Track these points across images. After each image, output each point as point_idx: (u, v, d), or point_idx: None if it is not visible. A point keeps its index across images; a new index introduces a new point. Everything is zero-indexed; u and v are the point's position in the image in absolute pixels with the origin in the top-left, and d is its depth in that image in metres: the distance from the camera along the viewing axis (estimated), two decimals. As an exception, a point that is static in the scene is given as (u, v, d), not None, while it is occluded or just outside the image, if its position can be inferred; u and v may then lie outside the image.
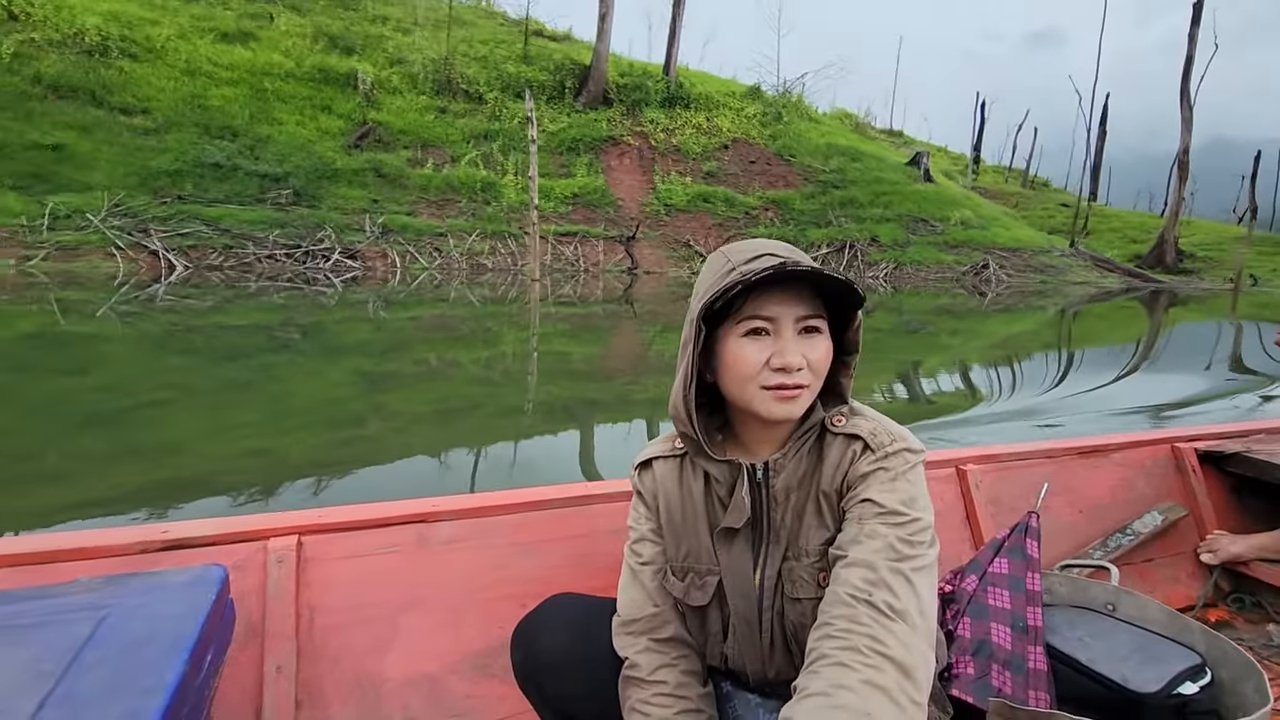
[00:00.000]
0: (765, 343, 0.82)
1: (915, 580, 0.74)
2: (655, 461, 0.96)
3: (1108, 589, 1.33)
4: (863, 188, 18.78)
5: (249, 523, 1.14)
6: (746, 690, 0.95)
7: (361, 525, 1.19)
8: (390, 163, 16.29)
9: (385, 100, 18.13)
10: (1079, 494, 1.81)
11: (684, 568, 0.92)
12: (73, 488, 2.84)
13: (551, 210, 17.00)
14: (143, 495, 2.81)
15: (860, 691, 0.65)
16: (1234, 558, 1.81)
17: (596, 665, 0.92)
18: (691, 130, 20.11)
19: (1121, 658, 1.15)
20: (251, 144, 15.01)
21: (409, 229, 15.01)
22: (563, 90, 20.21)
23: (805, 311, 0.81)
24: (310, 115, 16.68)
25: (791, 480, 0.86)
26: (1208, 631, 1.19)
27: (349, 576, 1.17)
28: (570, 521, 1.31)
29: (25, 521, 2.53)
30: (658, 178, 18.88)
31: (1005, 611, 1.21)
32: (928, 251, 17.10)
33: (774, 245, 0.84)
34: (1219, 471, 2.00)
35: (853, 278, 0.74)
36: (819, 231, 17.80)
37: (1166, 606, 1.27)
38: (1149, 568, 1.81)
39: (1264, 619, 1.76)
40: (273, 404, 4.37)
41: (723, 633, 0.92)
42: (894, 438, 0.84)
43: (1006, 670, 1.14)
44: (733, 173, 19.39)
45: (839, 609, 0.72)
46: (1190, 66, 24.26)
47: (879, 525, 0.78)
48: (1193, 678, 1.10)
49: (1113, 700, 1.09)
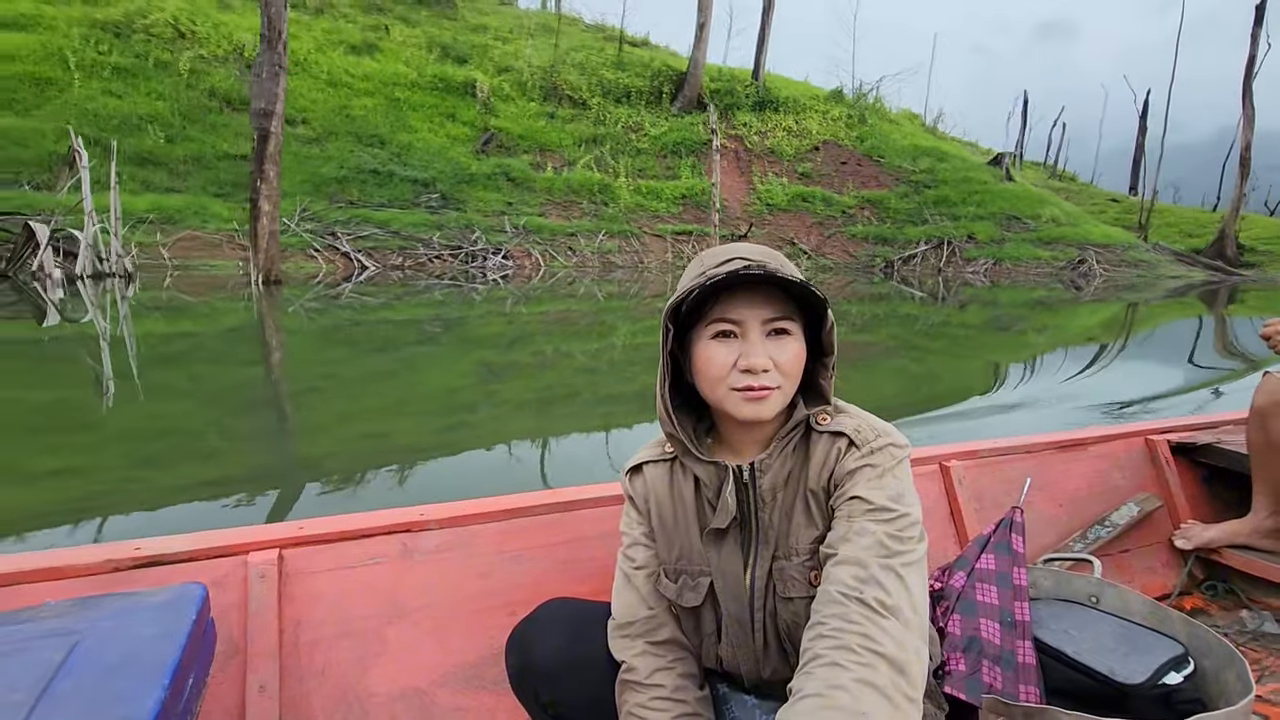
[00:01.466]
0: (733, 345, 0.83)
1: (906, 576, 0.75)
2: (645, 466, 0.97)
3: (1091, 581, 1.35)
4: (953, 187, 19.68)
5: (227, 537, 1.11)
6: (743, 691, 0.96)
7: (344, 537, 1.17)
8: (516, 167, 17.29)
9: (500, 107, 19.13)
10: (1058, 488, 1.83)
11: (676, 570, 0.93)
12: (216, 465, 3.10)
13: (665, 210, 18.00)
14: (266, 474, 3.05)
15: (854, 691, 0.65)
16: (1207, 545, 1.84)
17: (593, 670, 0.92)
18: (782, 133, 21.04)
19: (1107, 650, 1.16)
20: (398, 151, 16.05)
21: (544, 229, 16.03)
22: (659, 95, 21.17)
23: (772, 314, 0.83)
24: (439, 123, 17.71)
25: (778, 480, 0.87)
26: (1189, 621, 1.21)
27: (333, 590, 1.14)
28: (557, 527, 1.30)
29: (167, 497, 2.67)
30: (756, 178, 19.83)
31: (994, 607, 1.22)
32: (1024, 248, 18.00)
33: (748, 249, 0.85)
34: (1190, 462, 2.03)
35: (808, 279, 0.84)
36: (916, 229, 18.72)
37: (1147, 598, 1.29)
38: (1126, 558, 1.83)
39: (1237, 605, 1.79)
40: (402, 391, 4.63)
41: (717, 634, 0.93)
42: (879, 433, 0.85)
43: (997, 666, 1.15)
44: (826, 173, 20.32)
45: (831, 608, 0.73)
46: (1252, 65, 25.03)
47: (868, 522, 0.78)
48: (1176, 667, 1.12)
49: (1100, 692, 1.10)
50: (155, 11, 15.54)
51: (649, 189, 18.35)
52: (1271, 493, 1.73)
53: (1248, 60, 24.98)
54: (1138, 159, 39.09)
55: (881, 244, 18.64)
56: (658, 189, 18.39)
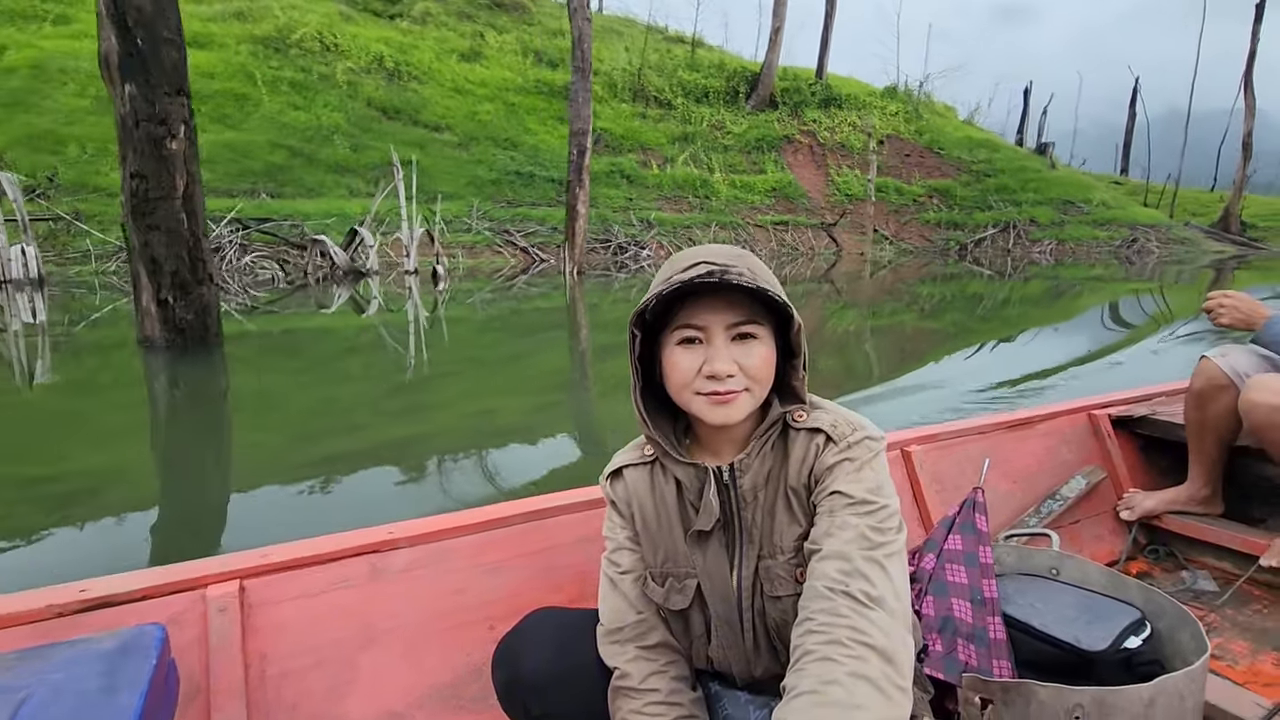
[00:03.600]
0: (698, 350, 0.83)
1: (889, 566, 0.77)
2: (626, 470, 0.96)
3: (1050, 554, 1.39)
4: (1011, 175, 21.68)
5: (181, 571, 1.05)
6: (734, 688, 0.96)
7: (309, 562, 1.12)
8: (626, 165, 18.73)
9: (598, 108, 20.49)
10: (1011, 465, 1.89)
11: (663, 573, 0.93)
12: (351, 439, 3.36)
13: (759, 202, 19.61)
14: (389, 449, 3.25)
15: (848, 684, 0.66)
16: (1148, 513, 1.93)
17: (583, 678, 0.92)
18: (848, 128, 22.80)
19: (1070, 619, 1.20)
20: (530, 152, 17.38)
21: (664, 222, 17.54)
22: (735, 95, 22.74)
23: (736, 318, 0.83)
24: (551, 125, 19.01)
25: (758, 479, 0.88)
26: (1144, 587, 1.25)
27: (300, 618, 1.10)
28: (532, 536, 1.28)
29: (301, 473, 2.86)
30: (831, 171, 21.57)
31: (964, 586, 1.26)
32: (1082, 229, 20.09)
33: (717, 253, 0.84)
34: (1130, 434, 2.12)
35: (768, 285, 0.81)
36: (983, 215, 20.67)
37: (1104, 567, 1.33)
38: (1076, 529, 1.90)
39: (1177, 567, 1.88)
40: (519, 372, 5.04)
41: (706, 635, 0.93)
42: (855, 427, 0.85)
43: (971, 643, 1.18)
44: (893, 164, 22.14)
45: (818, 603, 0.74)
46: (1253, 60, 27.55)
47: (850, 516, 0.80)
48: (1135, 632, 1.17)
49: (1067, 660, 1.15)
50: (300, 26, 16.59)
51: (742, 183, 19.93)
52: (1205, 464, 1.86)
53: (1249, 54, 27.48)
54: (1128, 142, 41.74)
55: (953, 229, 20.56)
56: (749, 183, 19.99)
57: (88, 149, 11.41)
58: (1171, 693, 0.98)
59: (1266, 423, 1.59)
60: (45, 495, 2.68)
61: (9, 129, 11.02)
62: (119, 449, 3.35)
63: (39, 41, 12.74)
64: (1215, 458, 1.85)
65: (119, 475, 2.98)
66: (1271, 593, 1.76)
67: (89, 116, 11.88)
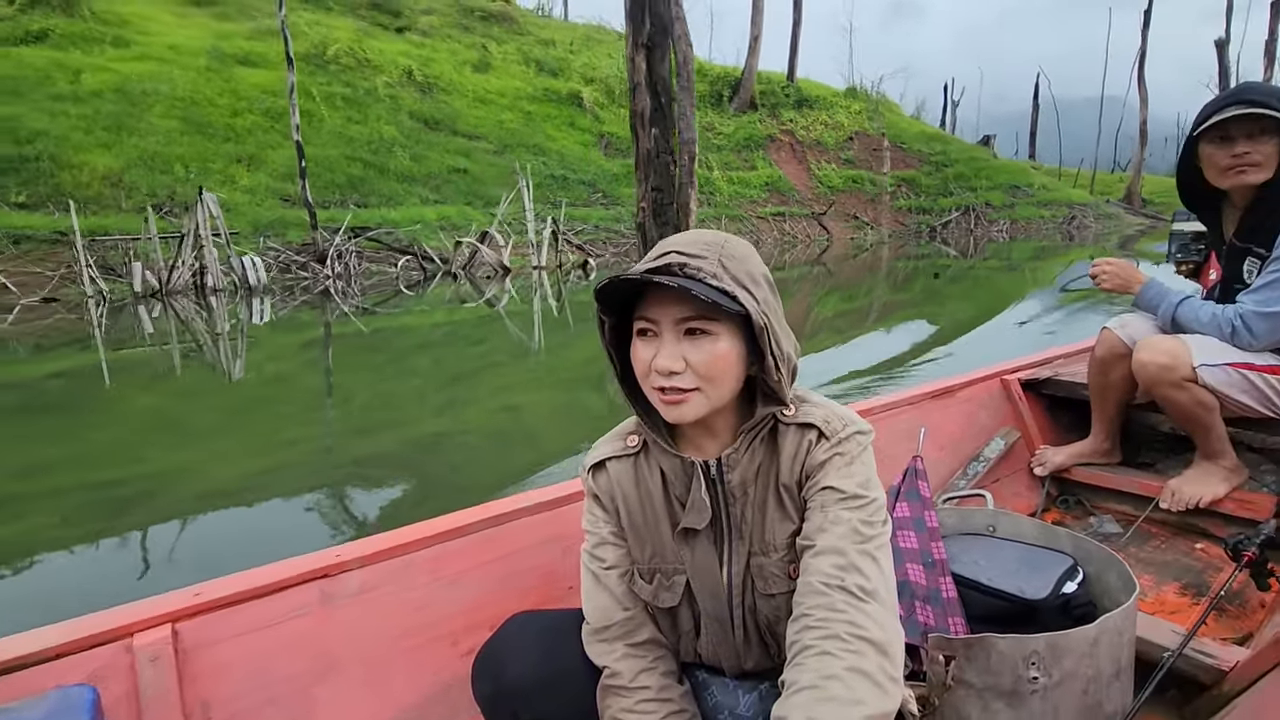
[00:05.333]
0: (652, 344, 0.81)
1: (879, 559, 0.78)
2: (609, 462, 0.94)
3: (986, 513, 1.47)
4: (964, 165, 24.61)
5: (101, 621, 0.94)
6: (723, 676, 0.97)
7: (250, 596, 1.04)
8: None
9: (602, 114, 21.95)
10: (939, 432, 1.99)
11: (651, 569, 0.92)
12: (405, 429, 3.89)
13: (756, 196, 21.62)
14: (434, 439, 3.72)
15: (847, 679, 0.67)
16: (1058, 467, 2.10)
17: (570, 680, 0.91)
18: (821, 126, 25.18)
19: (1012, 572, 1.28)
20: (555, 157, 18.68)
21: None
22: (720, 99, 24.68)
23: (686, 313, 0.79)
24: (565, 131, 20.33)
25: (747, 475, 0.87)
26: (1072, 535, 1.34)
27: (246, 657, 1.03)
28: (493, 543, 1.24)
29: (357, 465, 3.31)
30: (811, 165, 23.86)
31: (915, 551, 1.31)
32: (1030, 209, 23.22)
33: (685, 243, 0.81)
34: (1037, 395, 2.30)
35: (729, 288, 0.77)
36: (946, 200, 23.48)
37: (1035, 519, 1.42)
38: (998, 486, 2.04)
39: (1085, 514, 2.05)
40: (561, 362, 5.56)
41: (695, 631, 0.93)
42: (846, 422, 0.85)
43: (927, 605, 1.24)
44: (864, 159, 24.67)
45: (815, 598, 0.75)
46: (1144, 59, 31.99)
47: (842, 511, 0.80)
48: (1070, 577, 1.24)
49: (1013, 611, 1.22)
50: (332, 42, 17.27)
51: (739, 179, 21.88)
52: (1106, 421, 2.05)
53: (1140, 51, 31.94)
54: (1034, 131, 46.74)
55: (922, 214, 23.28)
56: (745, 179, 21.97)
57: (190, 168, 12.05)
58: (1111, 630, 1.05)
59: (1155, 379, 1.73)
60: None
61: (123, 150, 11.53)
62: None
63: (111, 65, 13.12)
64: (1114, 415, 2.02)
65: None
66: (1166, 529, 1.91)
67: (182, 138, 12.46)
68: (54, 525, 2.91)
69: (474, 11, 24.21)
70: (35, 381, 5.50)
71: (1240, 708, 1.10)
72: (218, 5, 17.47)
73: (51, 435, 4.04)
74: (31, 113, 11.19)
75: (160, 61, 13.73)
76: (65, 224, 9.48)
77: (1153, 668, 1.09)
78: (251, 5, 17.82)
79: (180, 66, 13.78)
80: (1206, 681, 1.19)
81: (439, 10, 22.84)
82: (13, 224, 9.62)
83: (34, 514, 3.02)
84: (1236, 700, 1.12)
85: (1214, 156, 1.69)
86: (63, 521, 2.95)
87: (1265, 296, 1.68)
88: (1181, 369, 1.70)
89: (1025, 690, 1.02)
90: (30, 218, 9.88)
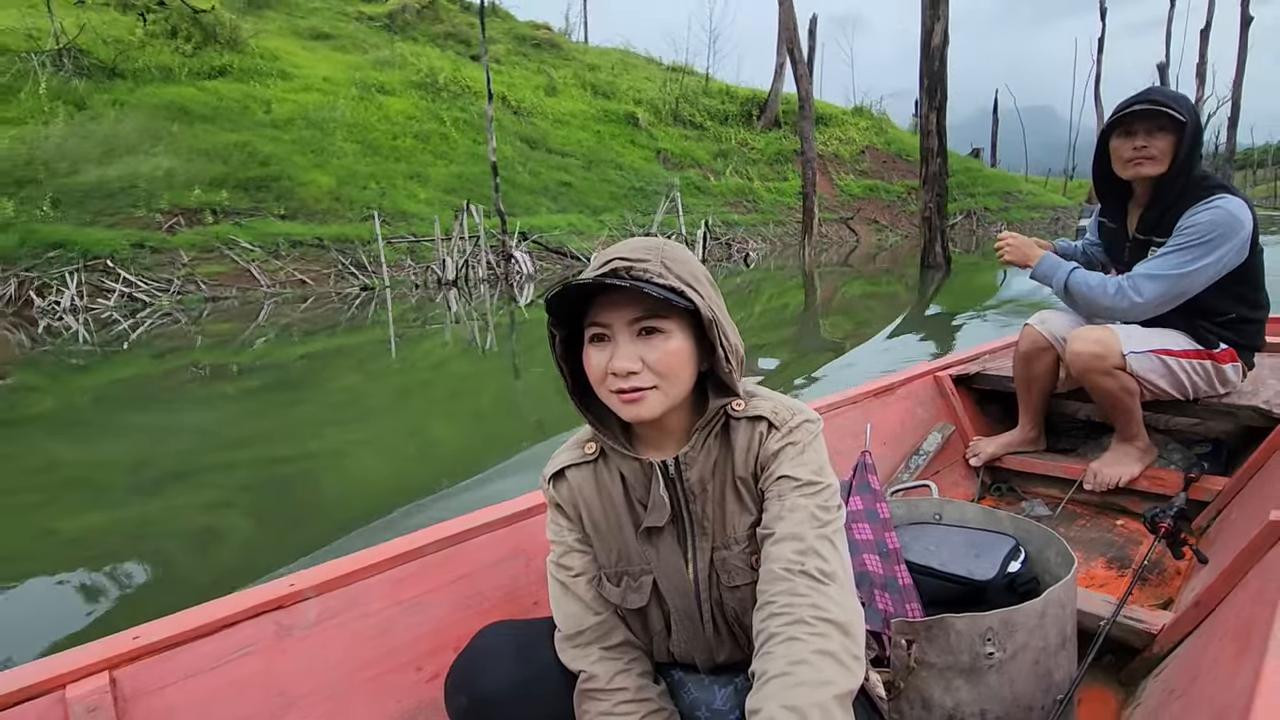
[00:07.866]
0: (606, 348, 0.84)
1: (836, 542, 0.82)
2: (569, 470, 0.96)
3: (932, 502, 1.55)
4: (962, 174, 28.10)
5: (30, 674, 0.88)
6: (697, 673, 0.99)
7: (196, 634, 0.98)
8: (694, 178, 23.00)
9: (653, 133, 24.57)
10: (881, 428, 2.09)
11: (618, 572, 0.94)
12: (456, 435, 4.41)
13: (792, 203, 24.50)
14: (475, 445, 4.12)
15: (814, 662, 0.69)
16: (990, 457, 2.22)
17: (545, 688, 0.92)
18: (837, 141, 28.37)
19: (960, 556, 1.35)
20: (629, 172, 21.18)
21: (740, 223, 21.99)
22: (749, 117, 27.61)
23: (638, 313, 0.83)
24: (629, 148, 22.84)
25: (705, 471, 0.90)
26: (1012, 517, 1.42)
27: (194, 701, 0.97)
28: (453, 563, 1.23)
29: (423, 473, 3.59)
30: (833, 176, 26.97)
31: (870, 542, 1.37)
32: (1022, 212, 26.84)
33: (631, 248, 0.85)
34: (968, 389, 2.44)
35: (677, 285, 0.81)
36: (951, 205, 26.86)
37: (978, 505, 1.49)
38: (938, 478, 2.15)
39: (1017, 499, 2.19)
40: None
41: (666, 630, 0.95)
42: (794, 412, 0.89)
43: (885, 592, 1.30)
44: (876, 170, 27.93)
45: (778, 585, 0.77)
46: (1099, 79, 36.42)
47: (799, 498, 0.83)
48: (1014, 557, 1.32)
49: (965, 592, 1.29)
50: (438, 71, 19.44)
51: (776, 189, 24.78)
52: (1031, 411, 2.18)
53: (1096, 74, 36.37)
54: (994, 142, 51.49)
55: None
56: (781, 188, 24.88)
57: (380, 184, 14.17)
58: (1055, 602, 1.11)
59: (1086, 367, 1.84)
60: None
61: (330, 170, 13.54)
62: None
63: (288, 96, 15.10)
64: (1039, 405, 2.16)
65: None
66: (1090, 508, 2.06)
67: (363, 159, 14.56)
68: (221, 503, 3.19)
69: (526, 39, 26.60)
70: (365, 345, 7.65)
71: (1170, 667, 1.19)
72: (334, 39, 19.47)
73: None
74: (256, 139, 13.18)
75: (322, 92, 15.73)
76: (321, 231, 11.63)
77: (1091, 637, 1.19)
78: (361, 38, 19.87)
79: (340, 96, 15.82)
80: (1138, 645, 1.28)
81: (500, 39, 25.14)
82: (284, 232, 11.70)
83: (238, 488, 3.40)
84: (1166, 660, 1.21)
85: (1119, 149, 1.81)
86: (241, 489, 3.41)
87: (1155, 264, 1.79)
88: (1112, 357, 1.80)
89: (983, 666, 1.07)
90: (291, 225, 11.95)
